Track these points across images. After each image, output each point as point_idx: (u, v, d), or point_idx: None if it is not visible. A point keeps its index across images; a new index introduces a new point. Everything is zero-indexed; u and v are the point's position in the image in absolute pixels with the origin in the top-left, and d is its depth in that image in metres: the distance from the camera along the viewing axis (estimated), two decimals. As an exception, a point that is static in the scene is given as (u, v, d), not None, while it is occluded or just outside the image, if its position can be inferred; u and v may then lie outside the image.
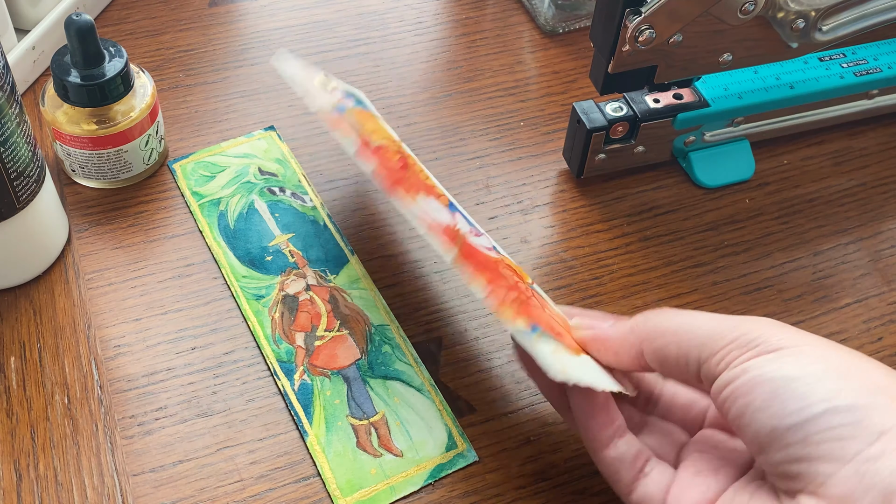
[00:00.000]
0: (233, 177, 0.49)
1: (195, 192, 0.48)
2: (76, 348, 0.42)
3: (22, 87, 0.52)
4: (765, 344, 0.31)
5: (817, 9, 0.45)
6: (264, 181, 0.48)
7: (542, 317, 0.38)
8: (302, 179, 0.49)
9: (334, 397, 0.41)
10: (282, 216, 0.47)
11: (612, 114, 0.48)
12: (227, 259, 0.45)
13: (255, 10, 0.59)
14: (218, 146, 0.50)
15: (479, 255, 0.40)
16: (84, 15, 0.43)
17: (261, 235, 0.46)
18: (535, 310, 0.38)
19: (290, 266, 0.45)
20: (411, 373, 0.42)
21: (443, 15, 0.60)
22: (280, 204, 0.48)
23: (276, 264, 0.45)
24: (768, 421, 0.30)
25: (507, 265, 0.40)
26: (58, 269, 0.45)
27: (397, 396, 0.41)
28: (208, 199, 0.48)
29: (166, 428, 0.40)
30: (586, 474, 0.40)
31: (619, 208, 0.50)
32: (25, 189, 0.41)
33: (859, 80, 0.51)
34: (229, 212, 0.47)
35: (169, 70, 0.55)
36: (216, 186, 0.48)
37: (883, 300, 0.47)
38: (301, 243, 0.46)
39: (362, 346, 0.43)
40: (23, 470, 0.38)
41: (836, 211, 0.51)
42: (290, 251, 0.46)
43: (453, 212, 0.42)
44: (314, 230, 0.47)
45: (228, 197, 0.48)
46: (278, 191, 0.48)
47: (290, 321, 0.43)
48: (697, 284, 0.47)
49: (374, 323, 0.44)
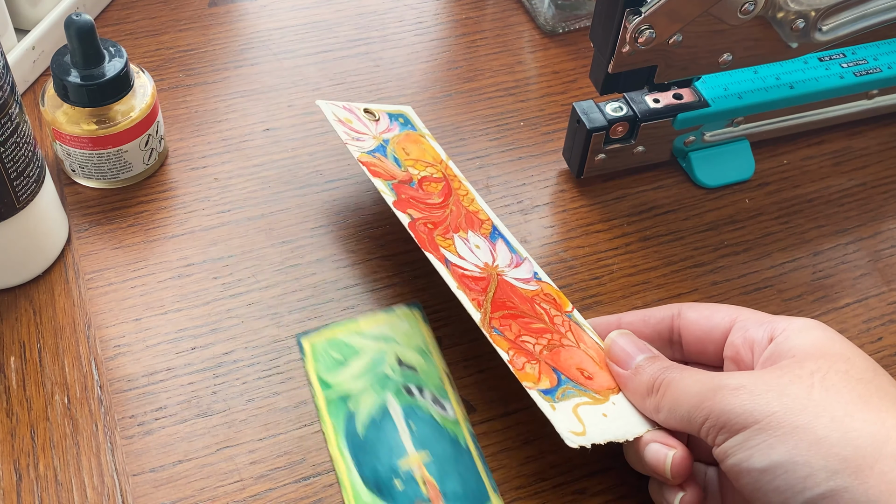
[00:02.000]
0: (367, 365, 0.41)
1: (323, 379, 0.41)
2: (76, 348, 0.42)
3: (22, 87, 0.52)
4: (730, 423, 0.33)
5: (817, 9, 0.45)
6: (402, 377, 0.41)
7: (571, 362, 0.38)
8: (444, 379, 0.42)
9: None
10: (418, 428, 0.40)
11: (612, 114, 0.48)
12: (351, 477, 0.38)
13: (255, 10, 0.59)
14: (354, 322, 0.43)
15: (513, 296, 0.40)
16: (84, 15, 0.43)
17: (391, 450, 0.39)
18: (566, 354, 0.38)
19: (420, 499, 0.37)
20: None
21: (443, 15, 0.60)
22: (417, 411, 0.40)
23: (406, 496, 0.37)
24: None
25: (545, 296, 0.41)
26: (58, 269, 0.45)
27: None
28: (337, 393, 0.41)
29: (166, 428, 0.40)
30: (586, 474, 0.40)
31: (619, 208, 0.50)
32: (25, 189, 0.41)
33: (859, 80, 0.51)
34: (359, 414, 0.40)
35: (169, 70, 0.55)
36: (348, 376, 0.41)
37: (883, 300, 0.47)
38: (437, 468, 0.38)
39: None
40: (23, 470, 0.38)
41: (836, 211, 0.51)
42: (423, 478, 0.38)
43: (495, 241, 0.43)
44: (453, 452, 0.39)
45: (360, 393, 0.40)
46: (417, 392, 0.41)
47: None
48: (697, 284, 0.47)
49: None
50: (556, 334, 0.39)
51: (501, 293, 0.40)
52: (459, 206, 0.44)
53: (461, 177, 0.47)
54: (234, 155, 0.51)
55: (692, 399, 0.34)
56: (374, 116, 0.47)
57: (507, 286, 0.40)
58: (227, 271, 0.46)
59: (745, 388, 0.33)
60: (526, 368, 0.37)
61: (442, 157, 0.47)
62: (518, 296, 0.40)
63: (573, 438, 0.35)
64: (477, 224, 0.43)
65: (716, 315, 0.38)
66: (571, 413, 0.36)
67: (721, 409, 0.33)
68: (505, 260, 0.42)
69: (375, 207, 0.49)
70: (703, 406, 0.33)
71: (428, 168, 0.45)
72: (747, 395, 0.32)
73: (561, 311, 0.41)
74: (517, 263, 0.42)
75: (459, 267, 0.40)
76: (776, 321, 0.36)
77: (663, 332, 0.39)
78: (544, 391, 0.36)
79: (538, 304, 0.40)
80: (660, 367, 0.37)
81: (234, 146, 0.51)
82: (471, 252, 0.41)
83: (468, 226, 0.43)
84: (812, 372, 0.33)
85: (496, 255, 0.42)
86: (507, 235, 0.44)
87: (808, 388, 0.32)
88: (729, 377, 0.34)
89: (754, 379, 0.33)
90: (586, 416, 0.36)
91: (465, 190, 0.45)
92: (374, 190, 0.50)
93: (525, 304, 0.40)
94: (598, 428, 0.36)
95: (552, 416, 0.36)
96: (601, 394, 0.38)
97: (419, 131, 0.48)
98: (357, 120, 0.47)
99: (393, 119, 0.48)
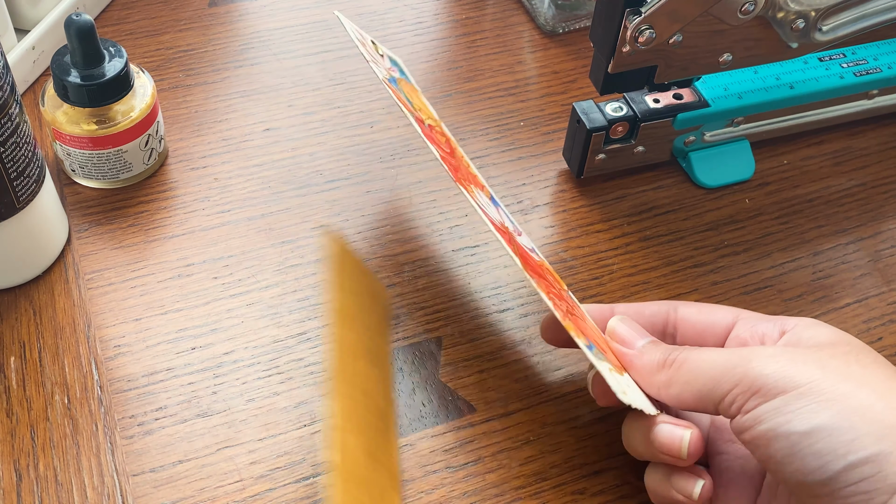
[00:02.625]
0: None
1: None
2: (76, 348, 0.42)
3: (22, 87, 0.52)
4: (766, 387, 0.32)
5: (817, 9, 0.45)
6: None
7: (587, 331, 0.38)
8: None
9: None
10: None
11: (612, 114, 0.48)
12: None
13: (255, 10, 0.59)
14: None
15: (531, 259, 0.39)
16: (84, 15, 0.43)
17: None
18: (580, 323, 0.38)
19: None
20: None
21: (443, 15, 0.60)
22: None
23: None
24: (792, 476, 0.31)
25: (548, 269, 0.40)
26: (58, 269, 0.45)
27: None
28: None
29: (166, 428, 0.40)
30: (586, 474, 0.40)
31: (619, 208, 0.50)
32: (25, 189, 0.41)
33: (859, 80, 0.51)
34: None
35: (169, 70, 0.55)
36: None
37: (883, 300, 0.47)
38: None
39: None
40: (23, 470, 0.38)
41: (836, 211, 0.51)
42: None
43: (496, 206, 0.41)
44: None
45: None
46: None
47: None
48: (697, 284, 0.47)
49: None
50: (570, 305, 0.39)
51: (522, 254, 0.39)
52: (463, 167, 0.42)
53: (454, 141, 0.45)
54: (234, 155, 0.51)
55: (716, 370, 0.33)
56: (379, 53, 0.45)
57: (523, 251, 0.40)
58: (227, 271, 0.46)
59: (783, 356, 0.32)
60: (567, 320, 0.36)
61: (435, 116, 0.45)
62: (533, 262, 0.39)
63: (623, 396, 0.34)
64: (479, 186, 0.42)
65: (717, 312, 0.38)
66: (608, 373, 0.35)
67: (757, 373, 0.32)
68: (511, 227, 0.41)
69: (375, 208, 0.49)
70: (734, 373, 0.33)
71: (431, 121, 0.44)
72: (786, 362, 0.32)
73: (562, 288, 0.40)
74: (518, 233, 0.41)
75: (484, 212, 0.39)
76: (784, 319, 0.36)
77: (657, 324, 0.39)
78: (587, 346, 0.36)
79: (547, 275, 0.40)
80: (668, 347, 0.36)
81: (234, 146, 0.51)
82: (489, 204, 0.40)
83: (474, 184, 0.42)
84: (846, 353, 0.33)
85: (503, 220, 0.41)
86: (503, 206, 0.43)
87: (845, 363, 0.32)
88: (760, 348, 0.33)
89: (789, 351, 0.33)
90: (621, 379, 0.36)
91: (462, 154, 0.44)
92: (374, 191, 0.50)
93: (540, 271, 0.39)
94: (630, 395, 0.35)
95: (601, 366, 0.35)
96: (618, 368, 0.37)
97: (413, 85, 0.46)
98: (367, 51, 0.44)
99: (393, 63, 0.46)
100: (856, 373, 0.32)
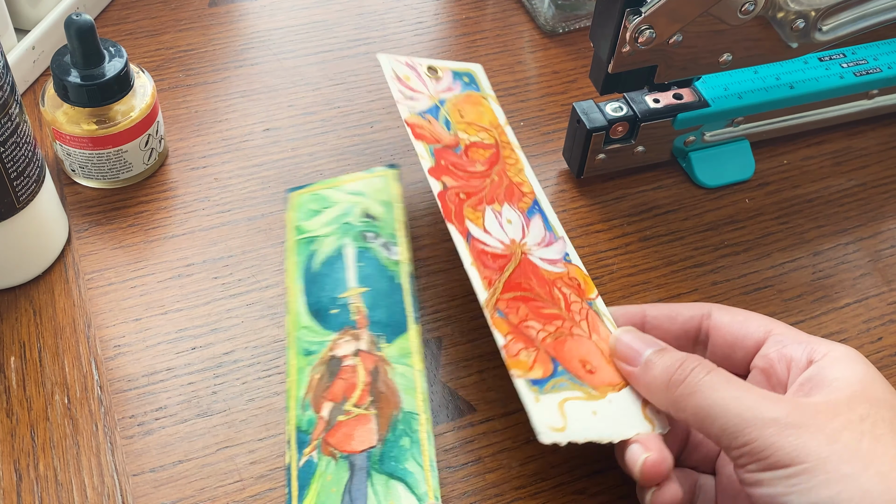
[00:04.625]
0: (337, 215, 0.47)
1: (299, 226, 0.46)
2: (76, 348, 0.42)
3: (22, 87, 0.52)
4: (774, 458, 0.32)
5: (817, 9, 0.45)
6: (364, 225, 0.46)
7: (576, 353, 0.38)
8: (399, 229, 0.46)
9: (332, 484, 0.38)
10: (364, 266, 0.45)
11: (612, 114, 0.48)
12: (297, 306, 0.43)
13: (255, 10, 0.59)
14: (338, 179, 0.48)
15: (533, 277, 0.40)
16: (84, 15, 0.43)
17: (336, 284, 0.44)
18: (573, 344, 0.38)
19: (349, 325, 0.42)
20: (419, 478, 0.38)
21: (443, 15, 0.60)
22: (367, 252, 0.45)
23: (338, 320, 0.43)
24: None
25: (570, 279, 0.40)
26: (58, 269, 0.45)
27: (394, 500, 0.37)
28: (306, 236, 0.46)
29: (166, 428, 0.40)
30: (586, 474, 0.40)
31: (619, 208, 0.50)
32: (25, 189, 0.41)
33: (859, 80, 0.51)
34: (319, 254, 0.45)
35: (169, 70, 0.55)
36: (319, 223, 0.46)
37: (883, 300, 0.47)
38: (370, 300, 0.43)
39: (383, 432, 0.39)
40: (23, 470, 0.38)
41: (836, 211, 0.51)
42: (357, 307, 0.43)
43: (532, 216, 0.42)
44: (388, 288, 0.44)
45: (324, 237, 0.46)
46: (372, 237, 0.46)
47: (326, 387, 0.40)
48: (697, 284, 0.47)
49: (404, 408, 0.40)
50: (569, 322, 0.39)
51: (520, 273, 0.40)
52: (503, 176, 0.43)
53: (515, 144, 0.46)
54: (234, 155, 0.51)
55: (731, 420, 0.33)
56: (437, 74, 0.47)
57: (530, 266, 0.40)
58: (227, 271, 0.46)
59: (796, 427, 0.32)
60: (520, 355, 0.37)
61: (500, 121, 0.46)
62: (538, 277, 0.40)
63: (549, 434, 0.35)
64: (517, 196, 0.43)
65: (750, 323, 0.38)
66: (556, 407, 0.36)
67: (767, 444, 0.32)
68: (536, 237, 0.42)
69: (375, 207, 0.49)
70: (745, 433, 0.32)
71: (481, 133, 0.45)
72: (798, 435, 0.32)
73: (583, 297, 0.40)
74: (549, 242, 0.42)
75: (480, 241, 0.40)
76: (815, 343, 0.36)
77: (690, 331, 0.39)
78: (533, 381, 0.36)
79: (559, 288, 0.40)
80: (676, 360, 0.35)
81: (234, 146, 0.51)
82: (500, 227, 0.41)
83: (507, 198, 0.43)
84: (862, 418, 0.32)
85: (528, 232, 0.42)
86: (548, 212, 0.43)
87: (858, 437, 0.32)
88: (774, 405, 0.33)
89: (804, 415, 0.32)
90: (572, 412, 0.36)
91: (515, 158, 0.45)
92: (374, 190, 0.50)
93: (543, 286, 0.40)
94: (581, 425, 0.36)
95: (532, 408, 0.35)
96: (599, 390, 0.37)
97: (482, 92, 0.47)
98: (416, 77, 0.46)
99: (457, 78, 0.47)
100: (865, 449, 0.31)
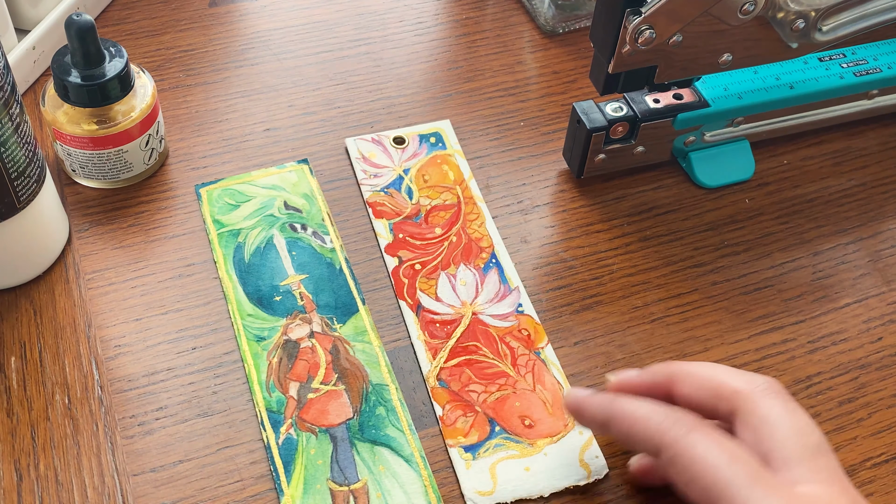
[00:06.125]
0: (257, 208, 0.47)
1: (217, 220, 0.47)
2: (76, 348, 0.42)
3: (22, 87, 0.52)
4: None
5: (817, 9, 0.45)
6: (287, 216, 0.47)
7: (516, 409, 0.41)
8: (326, 219, 0.47)
9: (318, 457, 0.39)
10: (299, 255, 0.46)
11: (612, 114, 0.48)
12: (236, 294, 0.44)
13: (255, 10, 0.59)
14: (248, 174, 0.49)
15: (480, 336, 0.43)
16: (84, 15, 0.43)
17: (274, 273, 0.45)
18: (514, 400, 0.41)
19: (297, 309, 0.43)
20: (402, 441, 0.40)
21: (443, 15, 0.60)
22: (299, 242, 0.46)
23: (283, 306, 0.44)
24: None
25: (519, 332, 0.44)
26: (58, 269, 0.45)
27: (383, 464, 0.39)
28: (228, 228, 0.46)
29: (167, 428, 0.40)
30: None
31: (619, 208, 0.50)
32: (26, 189, 0.41)
33: (859, 80, 0.51)
34: (247, 245, 0.46)
35: (169, 70, 0.55)
36: (239, 217, 0.47)
37: (883, 300, 0.47)
38: (313, 286, 0.44)
39: (356, 404, 0.41)
40: (23, 470, 0.38)
41: (836, 211, 0.51)
42: (301, 293, 0.44)
43: (487, 272, 0.46)
44: (328, 273, 0.45)
45: (249, 229, 0.46)
46: (300, 228, 0.46)
47: (287, 369, 0.41)
48: (697, 284, 0.47)
49: (372, 381, 0.41)
50: (513, 377, 0.42)
51: (468, 334, 0.43)
52: (461, 236, 0.47)
53: (478, 197, 0.49)
54: (234, 155, 0.51)
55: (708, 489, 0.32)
56: (404, 143, 0.51)
57: (478, 324, 0.44)
58: (227, 271, 0.46)
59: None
60: (457, 423, 0.40)
61: (465, 176, 0.50)
62: (486, 336, 0.43)
63: (477, 499, 0.38)
64: (475, 253, 0.46)
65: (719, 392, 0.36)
66: (487, 471, 0.39)
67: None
68: (490, 294, 0.45)
69: (375, 207, 0.49)
70: None
71: (444, 194, 0.49)
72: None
73: (531, 347, 0.43)
74: (503, 296, 0.45)
75: (431, 311, 0.44)
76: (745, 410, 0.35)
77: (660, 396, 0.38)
78: (466, 447, 0.40)
79: (507, 343, 0.43)
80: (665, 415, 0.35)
81: (234, 146, 0.51)
82: (452, 291, 0.45)
83: (464, 257, 0.46)
84: None
85: (481, 290, 0.45)
86: (506, 263, 0.46)
87: None
88: None
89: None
90: (504, 472, 0.39)
91: (478, 212, 0.48)
92: (374, 190, 0.50)
93: (491, 344, 0.43)
94: (511, 486, 0.39)
95: (462, 476, 0.39)
96: (536, 444, 0.40)
97: (449, 150, 0.51)
98: (382, 151, 0.51)
99: (423, 141, 0.51)
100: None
